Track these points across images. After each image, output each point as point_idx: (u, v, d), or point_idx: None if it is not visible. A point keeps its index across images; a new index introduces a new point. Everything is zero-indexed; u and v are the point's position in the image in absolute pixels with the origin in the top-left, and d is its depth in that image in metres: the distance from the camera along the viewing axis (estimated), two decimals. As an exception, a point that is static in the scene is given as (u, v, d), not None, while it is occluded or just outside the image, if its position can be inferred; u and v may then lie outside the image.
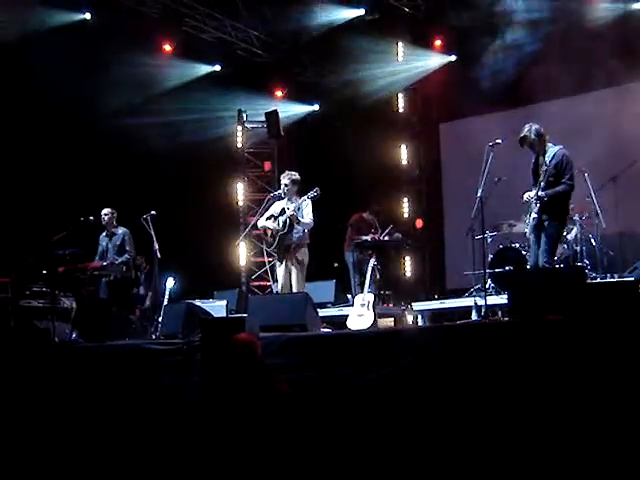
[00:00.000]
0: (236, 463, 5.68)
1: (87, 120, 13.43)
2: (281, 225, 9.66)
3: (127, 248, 11.74)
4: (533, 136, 8.44)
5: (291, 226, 9.60)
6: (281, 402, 5.81)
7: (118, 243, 11.75)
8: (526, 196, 8.52)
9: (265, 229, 9.86)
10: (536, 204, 8.38)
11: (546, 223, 8.39)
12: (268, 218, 9.89)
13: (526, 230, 8.88)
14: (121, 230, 11.84)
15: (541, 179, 8.42)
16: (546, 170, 8.40)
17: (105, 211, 11.81)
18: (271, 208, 10.00)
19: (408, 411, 6.11)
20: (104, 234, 11.92)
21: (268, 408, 5.75)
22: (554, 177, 8.35)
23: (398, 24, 15.95)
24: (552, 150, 8.48)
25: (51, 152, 13.81)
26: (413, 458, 5.94)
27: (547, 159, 8.44)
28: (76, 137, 13.72)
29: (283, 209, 9.75)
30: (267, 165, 16.71)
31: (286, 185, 9.82)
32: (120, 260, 11.65)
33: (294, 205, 9.67)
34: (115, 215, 11.90)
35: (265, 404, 5.77)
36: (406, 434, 6.04)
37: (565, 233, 10.70)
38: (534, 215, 8.44)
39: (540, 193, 8.30)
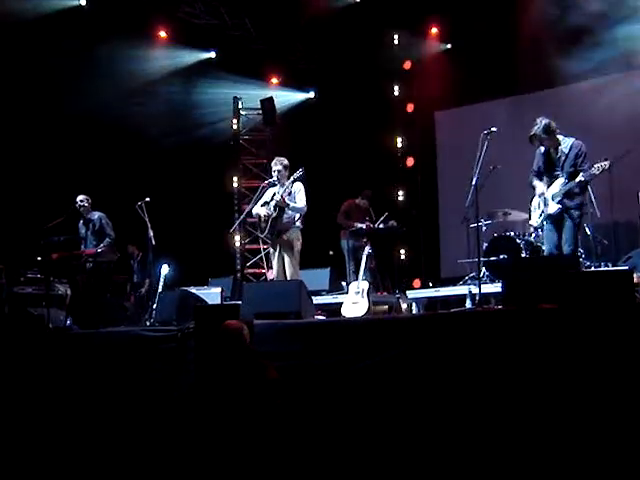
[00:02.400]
0: (229, 450, 5.69)
1: (81, 106, 13.36)
2: (272, 210, 9.66)
3: (107, 231, 11.67)
4: (542, 133, 8.41)
5: (282, 210, 9.59)
6: (271, 389, 5.81)
7: (96, 228, 11.68)
8: (558, 187, 8.49)
9: (259, 216, 9.85)
10: (562, 194, 8.41)
11: (570, 212, 8.43)
12: (262, 205, 9.88)
13: (537, 220, 8.85)
14: (97, 215, 11.76)
15: (561, 171, 8.45)
16: (565, 161, 8.43)
17: (80, 198, 11.70)
18: (265, 195, 9.98)
19: (402, 398, 6.13)
20: (81, 222, 11.85)
21: (257, 395, 5.76)
22: (574, 167, 8.38)
23: (394, 11, 15.91)
24: (567, 141, 8.48)
25: (45, 139, 13.78)
26: (407, 445, 5.96)
27: (564, 150, 8.46)
28: (70, 124, 13.68)
29: (275, 194, 9.76)
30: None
31: (279, 171, 9.80)
32: (102, 245, 11.61)
33: (284, 188, 9.67)
34: (90, 201, 11.82)
35: (254, 391, 5.78)
36: (400, 421, 6.06)
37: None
38: (557, 206, 8.45)
39: (580, 178, 8.29)
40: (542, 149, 8.66)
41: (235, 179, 16.76)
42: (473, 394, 5.79)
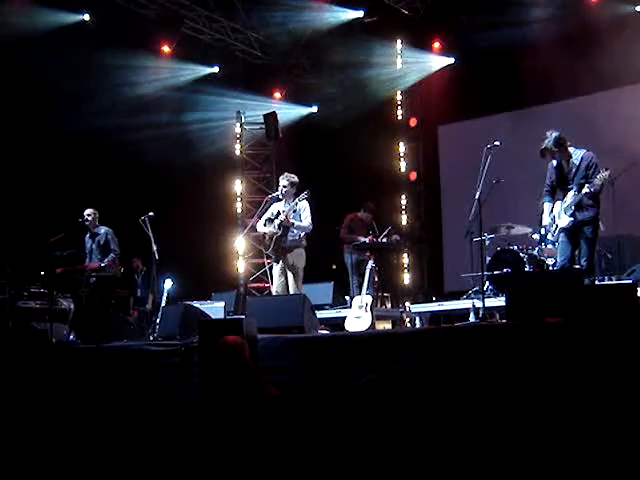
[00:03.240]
0: (230, 467, 5.67)
1: (86, 121, 13.40)
2: (276, 228, 9.62)
3: (112, 247, 11.71)
4: (553, 147, 8.42)
5: (286, 229, 9.55)
6: (271, 406, 5.79)
7: (102, 243, 11.72)
8: (569, 199, 8.50)
9: (264, 234, 9.80)
10: (572, 206, 8.42)
11: (584, 226, 8.43)
12: (266, 221, 9.83)
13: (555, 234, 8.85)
14: (103, 229, 11.81)
15: (573, 183, 8.48)
16: (576, 173, 8.46)
17: (88, 212, 11.75)
18: (269, 210, 9.95)
19: (406, 413, 6.10)
20: (88, 235, 11.89)
21: (256, 411, 5.74)
22: (584, 179, 8.39)
23: (397, 26, 15.99)
24: (578, 153, 8.51)
25: (49, 153, 13.80)
26: (410, 461, 5.94)
27: (576, 162, 8.48)
28: (74, 138, 13.70)
29: (279, 212, 9.71)
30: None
31: (284, 187, 9.75)
32: (106, 260, 11.63)
33: (289, 208, 9.64)
34: (97, 215, 11.86)
35: (253, 407, 5.75)
36: (404, 437, 6.03)
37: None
38: (569, 219, 8.46)
39: (586, 190, 8.30)
40: (554, 162, 8.67)
41: (238, 193, 16.77)
42: (478, 408, 5.77)
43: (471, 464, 5.65)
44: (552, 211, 8.74)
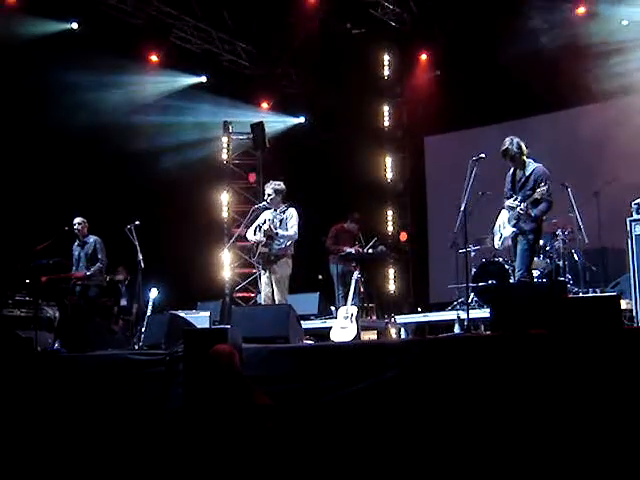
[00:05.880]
0: (217, 475, 5.67)
1: (72, 129, 13.38)
2: (262, 238, 9.62)
3: (99, 256, 11.75)
4: (515, 149, 8.57)
5: (270, 238, 9.56)
6: (261, 415, 5.79)
7: (90, 252, 11.75)
8: (511, 202, 8.61)
9: (254, 242, 9.80)
10: (517, 216, 8.52)
11: (523, 236, 8.52)
12: (255, 229, 9.83)
13: (498, 243, 9.01)
14: (92, 239, 11.84)
15: (521, 192, 8.58)
16: (524, 184, 8.56)
17: (77, 220, 11.78)
18: (260, 218, 9.93)
19: (390, 423, 6.12)
20: (76, 244, 11.90)
21: (247, 420, 5.74)
22: (532, 191, 8.47)
23: (384, 38, 16.08)
24: (532, 166, 8.63)
25: (36, 161, 13.75)
26: (397, 470, 5.95)
27: (526, 173, 8.60)
28: (61, 146, 13.67)
29: (266, 220, 9.73)
30: (252, 177, 16.68)
31: (269, 195, 9.75)
32: (92, 270, 11.63)
33: (277, 216, 9.65)
34: (86, 224, 11.88)
35: (244, 416, 5.76)
36: (388, 447, 6.05)
37: (547, 247, 10.79)
38: (513, 229, 8.58)
39: (534, 213, 8.41)
40: (510, 170, 8.79)
41: (225, 203, 16.76)
42: (462, 419, 5.79)
43: (457, 471, 5.67)
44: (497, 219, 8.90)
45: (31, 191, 13.65)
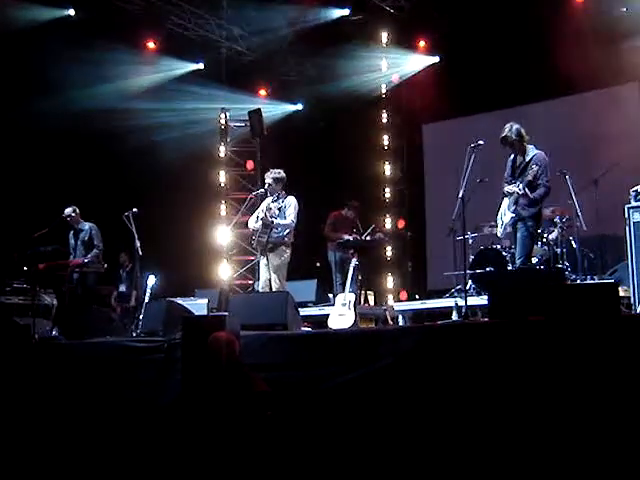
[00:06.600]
0: (216, 462, 5.68)
1: (70, 117, 13.34)
2: (260, 226, 9.63)
3: (95, 242, 11.76)
4: (514, 136, 8.58)
5: (267, 226, 9.56)
6: (260, 402, 5.80)
7: (86, 239, 11.77)
8: (511, 188, 8.61)
9: (253, 229, 9.82)
10: (515, 200, 8.52)
11: (522, 223, 8.52)
12: (257, 216, 9.83)
13: (500, 231, 9.00)
14: (87, 225, 11.85)
15: (520, 178, 8.58)
16: (525, 170, 8.56)
17: (67, 211, 11.79)
18: (261, 205, 9.93)
19: (388, 411, 6.12)
20: (71, 232, 11.91)
21: (246, 407, 5.75)
22: (533, 178, 8.47)
23: (382, 24, 16.02)
24: (532, 152, 8.64)
25: (33, 149, 13.74)
26: (394, 457, 5.96)
27: (526, 158, 8.60)
28: (58, 134, 13.64)
29: (264, 209, 9.73)
30: (250, 164, 16.65)
31: (269, 184, 9.78)
32: (90, 256, 11.63)
33: (275, 205, 9.66)
34: (78, 212, 11.87)
35: (243, 403, 5.76)
36: (386, 433, 6.05)
37: (546, 234, 10.78)
38: (512, 214, 8.58)
39: (532, 195, 8.41)
40: (511, 156, 8.78)
41: (223, 190, 16.73)
42: (460, 406, 5.79)
43: (454, 461, 5.67)
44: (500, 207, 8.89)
45: (28, 179, 13.65)
